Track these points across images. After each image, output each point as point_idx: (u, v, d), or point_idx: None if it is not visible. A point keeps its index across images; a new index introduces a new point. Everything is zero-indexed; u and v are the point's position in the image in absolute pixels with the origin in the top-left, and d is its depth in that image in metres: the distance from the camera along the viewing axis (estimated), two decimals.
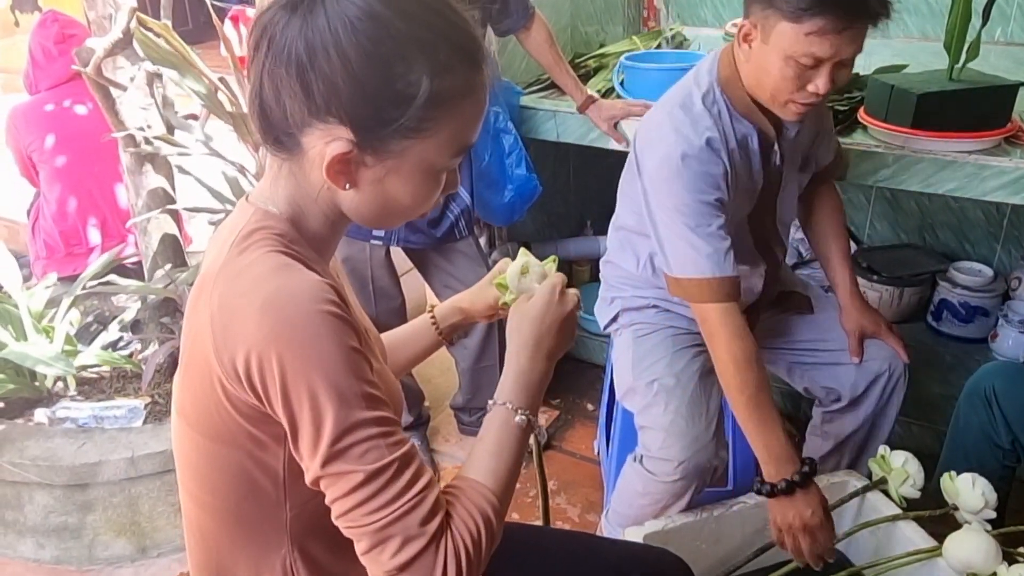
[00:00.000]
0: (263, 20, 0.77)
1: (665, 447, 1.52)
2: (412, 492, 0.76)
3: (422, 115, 0.76)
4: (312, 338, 0.73)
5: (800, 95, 1.38)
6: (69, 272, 2.65)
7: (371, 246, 2.01)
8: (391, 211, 0.84)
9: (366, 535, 0.76)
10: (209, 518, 0.90)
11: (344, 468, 0.75)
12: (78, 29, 2.62)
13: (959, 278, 2.42)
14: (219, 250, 0.82)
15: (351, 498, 0.75)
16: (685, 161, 1.41)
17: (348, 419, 0.74)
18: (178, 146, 2.06)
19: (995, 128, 1.74)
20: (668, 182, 1.44)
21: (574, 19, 2.58)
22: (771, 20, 1.33)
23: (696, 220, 1.43)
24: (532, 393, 0.91)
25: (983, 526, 1.34)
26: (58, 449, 1.92)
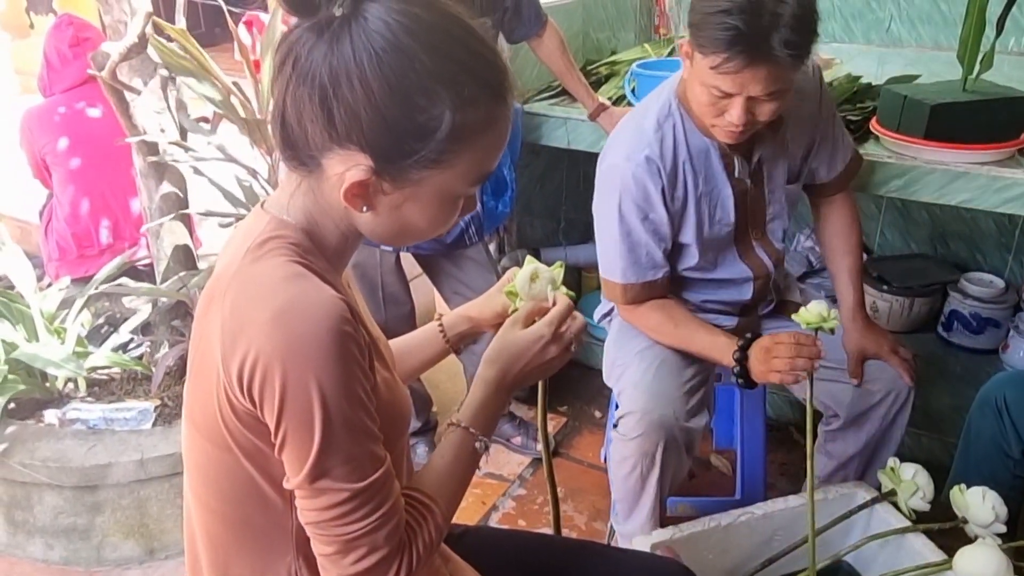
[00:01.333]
0: (290, 39, 0.77)
1: (631, 400, 1.57)
2: (384, 509, 0.80)
3: (443, 148, 0.76)
4: (320, 357, 0.74)
5: (720, 121, 1.42)
6: (81, 274, 2.67)
7: (381, 252, 2.01)
8: (407, 233, 0.85)
9: (335, 542, 0.80)
10: (216, 523, 0.90)
11: (330, 486, 0.78)
12: (92, 33, 2.63)
13: (970, 289, 2.41)
14: (232, 256, 0.83)
15: (330, 512, 0.79)
16: (622, 174, 1.51)
17: (341, 440, 0.76)
18: (191, 150, 2.07)
19: (1009, 139, 1.74)
20: (606, 191, 1.57)
21: (586, 26, 2.59)
22: (693, 46, 1.38)
23: (626, 229, 1.55)
24: (493, 423, 0.96)
25: (994, 540, 1.33)
26: (68, 450, 1.92)
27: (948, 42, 2.52)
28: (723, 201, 1.58)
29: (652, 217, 1.54)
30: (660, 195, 1.52)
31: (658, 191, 1.52)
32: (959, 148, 1.73)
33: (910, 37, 2.64)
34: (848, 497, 1.56)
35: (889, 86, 1.92)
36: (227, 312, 0.77)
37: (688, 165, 1.53)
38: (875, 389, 1.64)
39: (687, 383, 1.60)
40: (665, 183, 1.52)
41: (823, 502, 1.54)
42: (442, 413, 2.45)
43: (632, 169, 1.51)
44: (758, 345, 1.48)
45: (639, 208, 1.53)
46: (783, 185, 1.63)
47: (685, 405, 1.57)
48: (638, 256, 1.58)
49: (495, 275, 2.11)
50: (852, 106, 2.00)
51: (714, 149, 1.54)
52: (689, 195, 1.55)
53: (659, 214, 1.54)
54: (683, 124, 1.53)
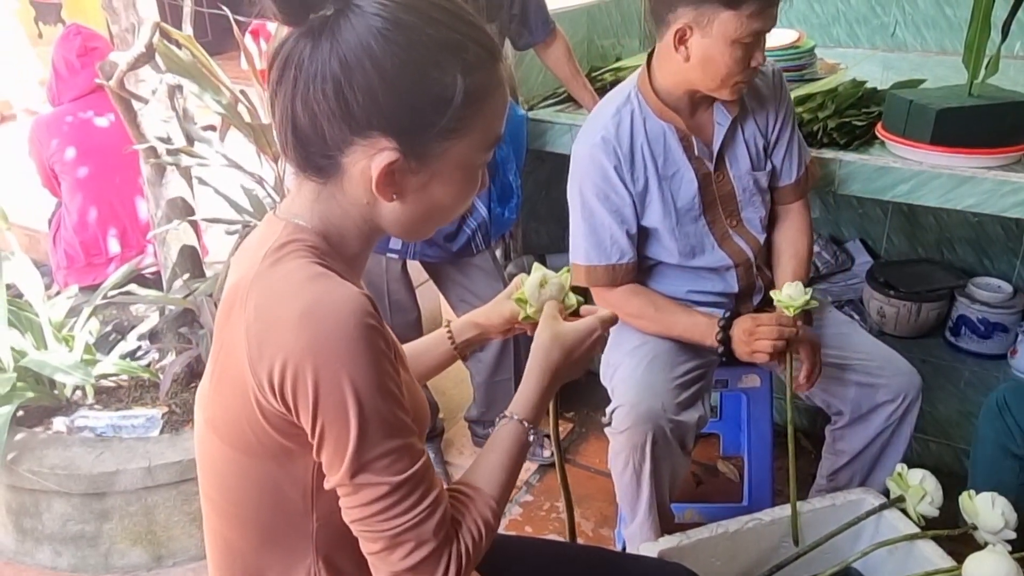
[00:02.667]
0: (284, 51, 0.78)
1: (621, 394, 1.59)
2: (428, 501, 0.80)
3: (460, 115, 0.78)
4: (350, 352, 0.74)
5: (743, 74, 1.52)
6: (89, 282, 2.68)
7: (388, 259, 2.02)
8: (432, 217, 0.86)
9: (381, 539, 0.79)
10: (233, 529, 0.90)
11: (370, 480, 0.77)
12: (100, 42, 2.65)
13: (978, 294, 2.39)
14: (251, 262, 0.82)
15: (373, 507, 0.78)
16: (581, 157, 1.62)
17: (377, 434, 0.76)
18: (198, 158, 2.08)
19: (1015, 144, 1.73)
20: (571, 176, 1.66)
21: (590, 33, 2.59)
22: (708, 15, 1.46)
23: (588, 211, 1.63)
24: (542, 414, 0.97)
25: (1004, 547, 1.32)
26: (76, 458, 1.93)
27: (953, 46, 2.52)
28: (686, 184, 1.63)
29: (613, 198, 1.60)
30: (617, 175, 1.59)
31: (615, 171, 1.59)
32: (965, 153, 1.73)
33: (915, 42, 2.64)
34: (856, 503, 1.55)
35: (894, 91, 1.92)
36: (251, 317, 0.77)
37: (646, 148, 1.60)
38: (880, 386, 1.64)
39: (678, 377, 1.62)
40: (622, 163, 1.59)
41: (831, 508, 1.54)
42: (449, 419, 2.45)
43: (589, 150, 1.60)
44: (740, 326, 1.54)
45: (599, 188, 1.60)
46: (749, 171, 1.69)
47: (675, 398, 1.58)
48: (601, 238, 1.63)
49: (501, 282, 2.11)
50: (857, 111, 2.00)
51: (671, 131, 1.61)
52: (650, 178, 1.61)
53: (620, 195, 1.60)
54: (640, 109, 1.61)
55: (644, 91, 1.62)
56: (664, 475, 1.60)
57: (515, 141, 2.17)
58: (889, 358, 1.68)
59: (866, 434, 1.68)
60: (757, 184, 1.70)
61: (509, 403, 0.96)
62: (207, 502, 0.92)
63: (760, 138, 1.69)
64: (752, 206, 1.71)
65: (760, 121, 1.69)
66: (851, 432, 1.71)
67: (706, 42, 1.48)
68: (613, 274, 1.66)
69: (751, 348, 1.52)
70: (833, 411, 1.73)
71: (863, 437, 1.69)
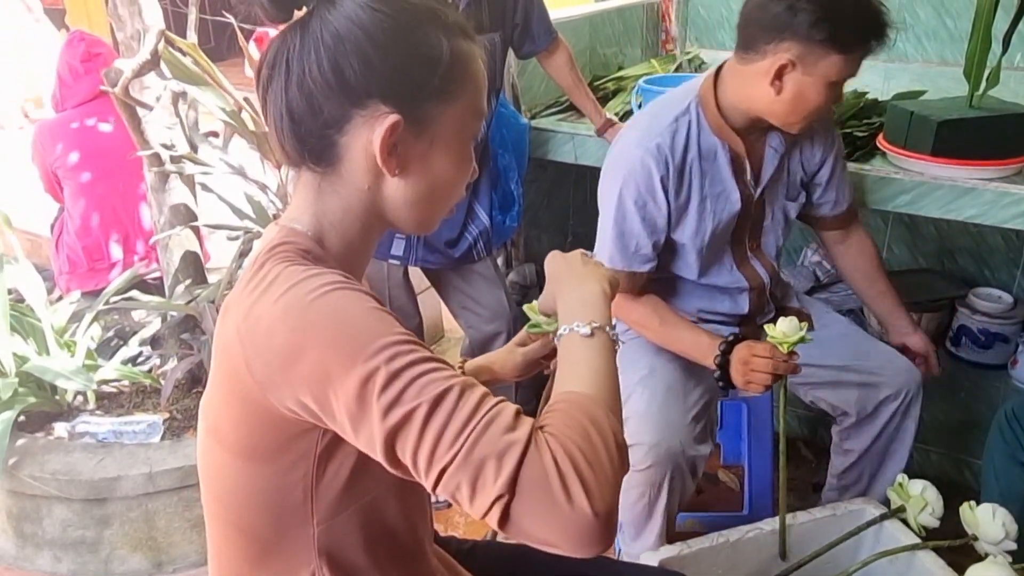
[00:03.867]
0: (273, 50, 0.81)
1: (637, 432, 1.57)
2: (485, 408, 0.69)
3: (449, 75, 0.81)
4: (329, 315, 0.73)
5: (818, 112, 1.50)
6: (91, 287, 2.68)
7: (389, 266, 2.02)
8: (436, 194, 0.86)
9: (460, 473, 0.66)
10: (234, 538, 0.90)
11: (405, 410, 0.68)
12: (104, 49, 2.66)
13: (978, 304, 2.39)
14: (246, 267, 0.85)
15: (426, 439, 0.67)
16: (630, 159, 1.55)
17: (391, 366, 0.69)
18: (201, 164, 2.09)
19: (1015, 155, 1.74)
20: (611, 174, 1.59)
21: (593, 41, 2.60)
22: (817, 55, 1.41)
23: (621, 214, 1.57)
24: (589, 306, 0.85)
25: (1004, 557, 1.32)
26: (77, 463, 1.93)
27: (954, 57, 2.53)
28: (729, 205, 1.60)
29: (650, 207, 1.56)
30: (662, 185, 1.55)
31: (661, 181, 1.54)
32: (966, 164, 1.73)
33: (916, 53, 2.65)
34: (857, 513, 1.55)
35: (896, 102, 1.93)
36: (240, 320, 0.78)
37: (696, 164, 1.56)
38: (882, 384, 1.67)
39: (691, 409, 1.61)
40: (670, 174, 1.54)
41: (832, 518, 1.54)
42: None
43: (641, 155, 1.54)
44: (737, 356, 1.49)
45: (640, 194, 1.55)
46: (783, 200, 1.68)
47: (692, 433, 1.58)
48: (627, 243, 1.59)
49: (503, 289, 2.12)
50: (859, 122, 2.01)
51: (724, 151, 1.57)
52: (693, 194, 1.58)
53: (658, 205, 1.56)
54: (697, 123, 1.56)
55: (706, 105, 1.56)
56: (675, 504, 1.62)
57: (517, 149, 2.18)
58: (888, 357, 1.72)
59: (872, 431, 1.71)
60: (785, 213, 1.70)
61: None
62: (208, 511, 0.92)
63: (801, 170, 1.68)
64: (773, 233, 1.71)
65: (807, 153, 1.67)
66: (857, 431, 1.73)
67: (806, 80, 1.44)
68: (630, 281, 1.62)
69: (745, 379, 1.47)
70: (838, 412, 1.75)
71: (869, 435, 1.71)
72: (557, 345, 0.84)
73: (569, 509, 0.65)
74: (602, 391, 0.76)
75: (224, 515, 0.89)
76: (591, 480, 0.66)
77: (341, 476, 0.83)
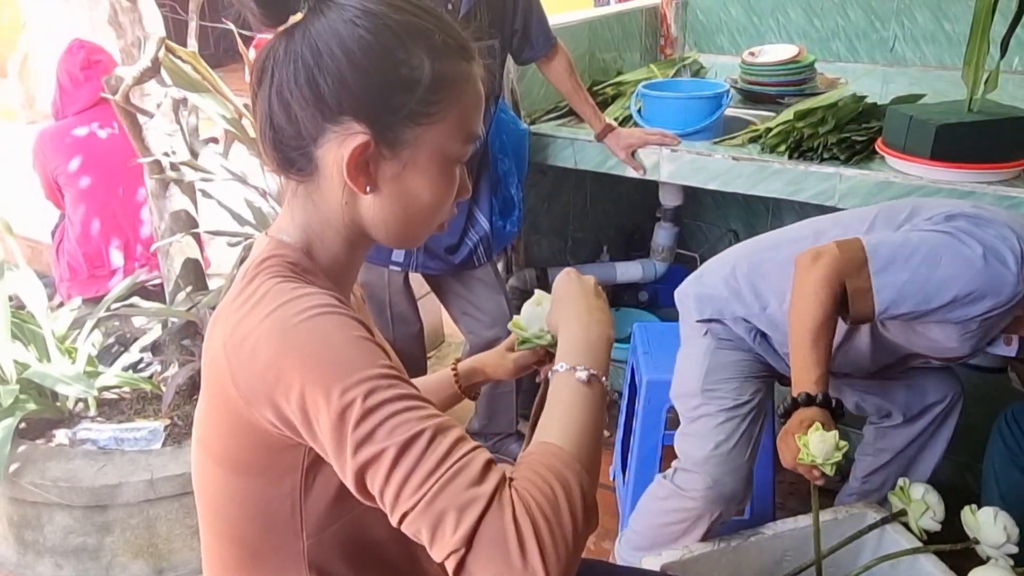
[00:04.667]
0: (263, 53, 0.81)
1: (705, 464, 1.55)
2: (454, 458, 0.68)
3: (428, 98, 0.78)
4: (313, 340, 0.73)
5: None
6: (92, 294, 2.68)
7: (390, 272, 2.03)
8: (413, 215, 0.84)
9: (421, 520, 0.67)
10: (226, 548, 0.90)
11: (375, 450, 0.68)
12: (104, 56, 2.67)
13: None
14: (236, 279, 0.84)
15: (392, 481, 0.68)
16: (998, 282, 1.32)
17: (368, 402, 0.69)
18: (202, 171, 2.09)
19: (1014, 159, 1.74)
20: (962, 258, 1.33)
21: (592, 47, 2.61)
22: None
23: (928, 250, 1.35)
24: (593, 351, 0.83)
25: (1006, 561, 1.32)
26: (78, 470, 1.93)
27: (953, 61, 2.53)
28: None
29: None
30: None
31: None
32: (964, 168, 1.74)
33: (914, 57, 2.66)
34: (858, 517, 1.55)
35: (894, 106, 1.93)
36: (228, 332, 0.78)
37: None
38: (929, 393, 1.68)
39: (753, 458, 1.62)
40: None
41: (833, 522, 1.54)
42: None
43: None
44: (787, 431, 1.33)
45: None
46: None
47: (748, 481, 1.60)
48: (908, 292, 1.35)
49: (503, 295, 2.12)
50: (857, 126, 2.01)
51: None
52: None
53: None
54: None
55: None
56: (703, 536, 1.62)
57: (517, 155, 2.18)
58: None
59: (910, 434, 1.72)
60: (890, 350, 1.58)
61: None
62: (202, 520, 0.92)
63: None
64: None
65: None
66: (896, 432, 1.73)
67: None
68: (857, 259, 1.37)
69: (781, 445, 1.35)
70: (883, 413, 1.75)
71: (906, 436, 1.72)
72: (551, 378, 0.83)
73: (522, 569, 0.65)
74: (582, 449, 0.75)
75: (217, 526, 0.89)
76: (548, 544, 0.66)
77: (329, 490, 0.82)
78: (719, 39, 2.97)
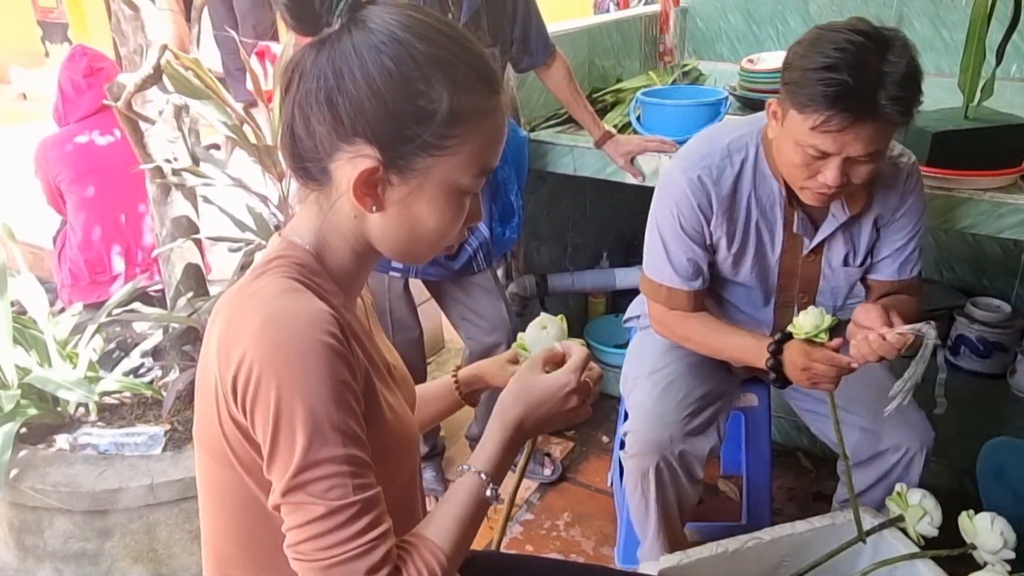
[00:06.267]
0: (293, 60, 0.82)
1: (633, 420, 1.60)
2: (367, 538, 0.77)
3: (443, 132, 0.79)
4: (302, 364, 0.75)
5: (812, 183, 1.38)
6: (93, 299, 2.69)
7: (390, 278, 2.03)
8: (418, 237, 0.85)
9: (312, 571, 0.77)
10: (221, 541, 0.91)
11: (305, 500, 0.76)
12: (106, 63, 2.68)
13: (977, 314, 2.41)
14: (247, 274, 0.86)
15: (306, 530, 0.76)
16: (676, 183, 1.53)
17: (319, 452, 0.75)
18: (204, 177, 2.10)
19: (1011, 166, 1.75)
20: (659, 193, 1.59)
21: (591, 54, 2.62)
22: (786, 105, 1.35)
23: (670, 234, 1.57)
24: (505, 469, 0.92)
25: (1003, 566, 1.33)
26: (78, 475, 1.94)
27: (950, 68, 2.55)
28: (774, 247, 1.56)
29: (691, 231, 1.55)
30: (702, 214, 1.52)
31: (701, 210, 1.52)
32: (961, 175, 1.75)
33: None
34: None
35: None
36: (223, 327, 0.80)
37: (751, 200, 1.52)
38: (883, 435, 1.61)
39: (691, 404, 1.61)
40: (714, 205, 1.51)
41: (831, 528, 1.54)
42: (449, 438, 2.46)
43: (687, 184, 1.52)
44: (793, 361, 1.42)
45: (681, 218, 1.54)
46: (842, 266, 1.59)
47: (685, 427, 1.58)
48: (672, 260, 1.58)
49: (502, 301, 2.13)
50: None
51: (780, 197, 1.51)
52: (738, 228, 1.54)
53: (699, 231, 1.54)
54: (755, 160, 1.51)
55: (768, 148, 1.50)
56: (671, 501, 1.62)
57: (516, 161, 2.19)
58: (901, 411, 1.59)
59: (872, 476, 1.66)
60: (848, 279, 1.62)
61: None
62: (201, 515, 0.94)
63: (870, 235, 1.57)
64: (831, 296, 1.64)
65: (880, 217, 1.55)
66: (858, 471, 1.66)
67: (782, 130, 1.38)
68: (679, 298, 1.60)
69: (811, 383, 1.41)
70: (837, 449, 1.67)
71: (870, 478, 1.66)
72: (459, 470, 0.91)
73: None
74: (458, 557, 0.86)
75: (213, 519, 0.91)
76: None
77: None
78: (718, 46, 2.98)
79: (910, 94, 1.26)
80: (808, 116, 1.29)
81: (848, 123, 1.26)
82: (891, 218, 1.55)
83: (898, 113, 1.26)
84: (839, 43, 1.25)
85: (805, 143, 1.32)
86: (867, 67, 1.24)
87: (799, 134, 1.32)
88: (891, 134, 1.32)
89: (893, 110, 1.25)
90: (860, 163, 1.33)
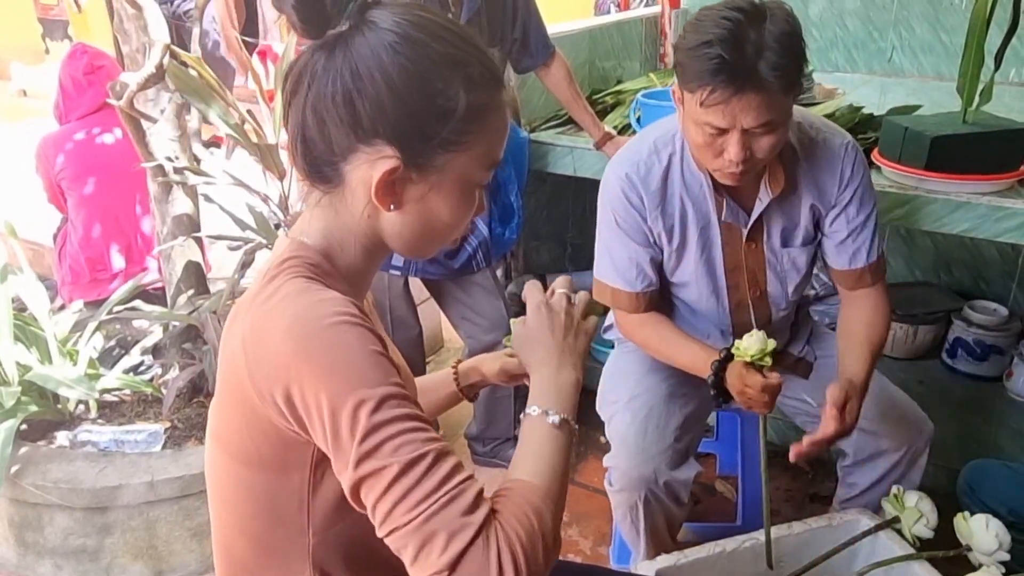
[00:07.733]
0: (301, 63, 0.82)
1: (615, 456, 1.59)
2: (451, 483, 0.73)
3: (461, 128, 0.81)
4: (332, 347, 0.75)
5: (720, 162, 1.38)
6: (93, 297, 2.70)
7: (390, 277, 2.04)
8: (432, 231, 0.87)
9: (410, 537, 0.71)
10: (236, 540, 0.92)
11: (377, 465, 0.72)
12: (107, 61, 2.69)
13: (974, 317, 2.42)
14: (256, 278, 0.87)
15: (388, 496, 0.72)
16: (610, 186, 1.56)
17: (376, 417, 0.73)
18: (205, 175, 2.11)
19: (1008, 170, 1.76)
20: (600, 195, 1.61)
21: (592, 55, 2.63)
22: (681, 88, 1.36)
23: (609, 234, 1.59)
24: (563, 396, 0.88)
25: (998, 568, 1.33)
26: (79, 472, 1.94)
27: (949, 72, 2.56)
28: (711, 239, 1.56)
29: (630, 231, 1.56)
30: (638, 212, 1.54)
31: (636, 208, 1.53)
32: (959, 179, 1.76)
33: (912, 67, 2.68)
34: (852, 524, 1.56)
35: (890, 117, 1.95)
36: (247, 329, 0.80)
37: (685, 197, 1.53)
38: (882, 434, 1.61)
39: (673, 432, 1.60)
40: (647, 202, 1.52)
41: (827, 529, 1.55)
42: (448, 436, 2.46)
43: (617, 183, 1.54)
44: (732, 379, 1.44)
45: (619, 218, 1.56)
46: (782, 248, 1.58)
47: (667, 459, 1.57)
48: (616, 263, 1.60)
49: (502, 300, 2.14)
50: (854, 136, 2.02)
51: (707, 187, 1.52)
52: (676, 224, 1.55)
53: (638, 229, 1.55)
54: (681, 155, 1.52)
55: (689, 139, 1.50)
56: (660, 525, 1.63)
57: (517, 162, 2.20)
58: (895, 404, 1.64)
59: (873, 475, 1.66)
60: (793, 262, 1.60)
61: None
62: (213, 512, 0.95)
63: (810, 216, 1.55)
64: (779, 281, 1.62)
65: (816, 199, 1.53)
66: (858, 470, 1.68)
67: (683, 113, 1.39)
68: (628, 299, 1.61)
69: (746, 406, 1.45)
70: (836, 450, 1.69)
71: (871, 476, 1.66)
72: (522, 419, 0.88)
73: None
74: (553, 486, 0.81)
75: (227, 518, 0.91)
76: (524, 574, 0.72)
77: (336, 488, 0.83)
78: None
79: (789, 61, 1.27)
80: (695, 93, 1.30)
81: (731, 94, 1.27)
82: (832, 205, 1.54)
83: (779, 80, 1.27)
84: (716, 19, 1.28)
85: (700, 120, 1.33)
86: (744, 38, 1.26)
87: (694, 113, 1.34)
88: (783, 104, 1.32)
89: (773, 77, 1.26)
90: (759, 135, 1.33)
